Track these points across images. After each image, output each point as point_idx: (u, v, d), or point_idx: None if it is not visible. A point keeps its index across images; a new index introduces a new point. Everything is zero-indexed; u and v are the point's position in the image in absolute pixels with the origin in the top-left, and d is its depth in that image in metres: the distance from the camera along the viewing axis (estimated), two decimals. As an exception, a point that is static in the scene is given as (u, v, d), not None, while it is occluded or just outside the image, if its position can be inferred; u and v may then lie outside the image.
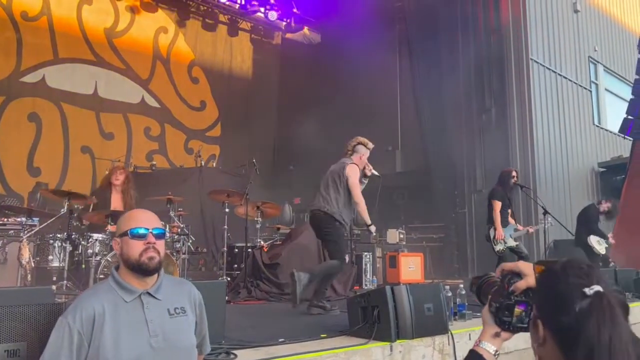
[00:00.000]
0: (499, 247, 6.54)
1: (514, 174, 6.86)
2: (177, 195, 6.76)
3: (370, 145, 5.39)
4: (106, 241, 5.45)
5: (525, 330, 1.17)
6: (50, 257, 5.31)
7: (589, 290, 0.96)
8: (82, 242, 5.38)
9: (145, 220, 1.92)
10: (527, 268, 1.20)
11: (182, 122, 13.36)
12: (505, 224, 6.65)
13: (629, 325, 0.96)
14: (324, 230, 5.00)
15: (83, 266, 5.28)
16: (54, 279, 5.21)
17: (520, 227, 6.90)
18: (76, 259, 5.35)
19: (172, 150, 12.97)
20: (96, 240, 5.38)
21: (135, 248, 1.85)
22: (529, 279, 1.18)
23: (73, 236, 5.36)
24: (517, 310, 1.18)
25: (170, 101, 13.25)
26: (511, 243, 6.60)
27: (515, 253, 6.65)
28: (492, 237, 6.63)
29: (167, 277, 1.95)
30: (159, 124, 12.96)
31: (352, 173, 5.06)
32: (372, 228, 5.29)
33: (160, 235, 1.92)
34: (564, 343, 0.98)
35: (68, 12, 11.80)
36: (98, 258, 5.26)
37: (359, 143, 5.32)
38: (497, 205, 6.58)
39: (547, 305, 1.04)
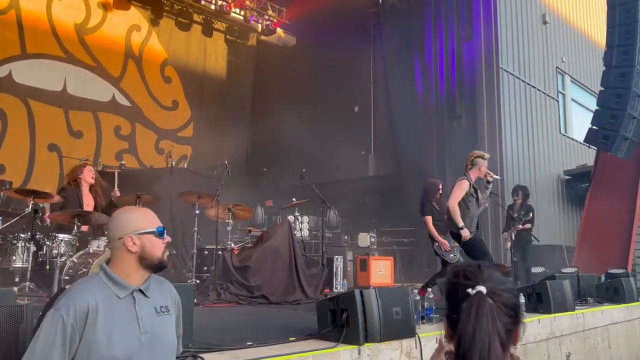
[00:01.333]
0: (452, 256, 6.36)
1: (440, 187, 6.86)
2: (146, 196, 6.66)
3: (487, 155, 6.15)
4: (72, 241, 5.33)
5: None
6: (13, 258, 5.17)
7: (471, 291, 1.08)
8: (47, 243, 5.25)
9: (158, 219, 1.98)
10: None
11: (153, 121, 13.19)
12: (443, 233, 6.51)
13: (497, 321, 1.06)
14: None
15: (47, 267, 5.15)
16: (17, 280, 5.08)
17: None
18: (40, 259, 5.22)
19: (143, 150, 12.78)
20: (62, 240, 5.26)
21: (160, 246, 1.91)
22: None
23: (37, 236, 5.23)
24: None
25: (142, 100, 13.06)
26: (456, 246, 6.45)
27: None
28: (439, 251, 6.49)
29: (153, 276, 1.96)
30: (130, 123, 12.76)
31: (457, 186, 5.90)
32: (463, 232, 5.71)
33: None
34: (454, 336, 1.10)
35: (37, 7, 11.52)
36: (63, 259, 5.14)
37: (477, 157, 6.05)
38: (429, 220, 6.53)
39: (447, 305, 1.16)
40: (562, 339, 5.25)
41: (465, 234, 5.69)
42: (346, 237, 10.09)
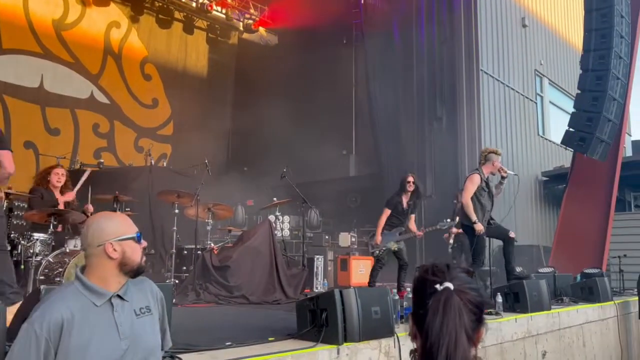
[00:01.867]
0: (374, 251, 6.62)
1: (409, 179, 6.69)
2: (125, 195, 6.59)
3: (500, 151, 6.27)
4: (48, 241, 5.24)
5: None
6: (-13, 257, 5.06)
7: (439, 287, 1.11)
8: (22, 242, 5.15)
9: (134, 225, 1.97)
10: None
11: (132, 119, 13.03)
12: (390, 229, 6.64)
13: (464, 316, 1.09)
14: None
15: (22, 267, 5.06)
16: (-10, 280, 4.97)
17: (413, 228, 6.72)
18: (15, 259, 5.12)
19: (122, 148, 12.62)
20: (37, 240, 5.17)
21: (139, 252, 1.90)
22: None
23: (12, 235, 5.13)
24: None
25: (121, 98, 12.89)
26: (391, 247, 6.56)
27: (395, 256, 6.67)
28: (370, 241, 6.70)
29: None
30: (109, 120, 12.59)
31: (468, 181, 6.06)
32: (476, 227, 5.81)
33: None
34: (420, 333, 1.13)
35: (14, 1, 11.29)
36: (39, 258, 5.05)
37: (490, 152, 6.20)
38: (385, 212, 6.63)
39: (414, 301, 1.19)
40: (538, 338, 5.34)
41: (479, 227, 5.77)
42: (327, 237, 10.10)
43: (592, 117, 8.56)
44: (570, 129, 8.90)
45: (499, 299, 5.23)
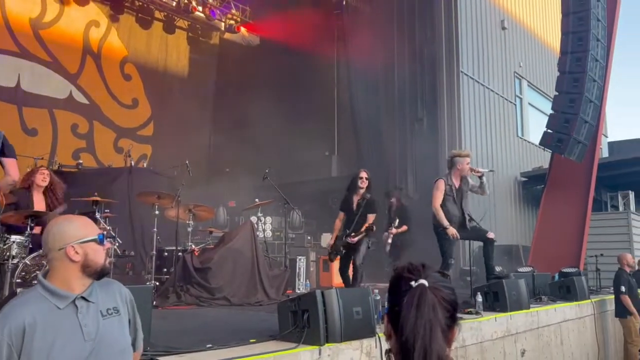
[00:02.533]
0: (330, 257, 6.37)
1: (362, 174, 6.24)
2: (104, 196, 6.51)
3: (464, 152, 6.19)
4: (25, 243, 5.15)
5: None
6: (-38, 260, 4.95)
7: (414, 283, 1.13)
8: (-2, 244, 5.05)
9: (96, 226, 1.97)
10: None
11: (112, 119, 12.87)
12: (344, 232, 6.27)
13: (438, 312, 1.10)
14: None
15: (-2, 270, 4.96)
16: (-35, 283, 4.87)
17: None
18: (-10, 262, 5.02)
19: (101, 148, 12.46)
20: (14, 242, 5.07)
21: (101, 254, 1.89)
22: None
23: (-12, 238, 5.03)
24: None
25: (100, 98, 12.72)
26: (340, 252, 6.25)
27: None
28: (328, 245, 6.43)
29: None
30: (88, 121, 12.42)
31: (434, 187, 6.01)
32: (448, 232, 5.77)
33: None
34: (396, 331, 1.13)
35: (-11, -1, 11.09)
36: (15, 261, 4.96)
37: (454, 156, 6.11)
38: (340, 215, 6.41)
39: (389, 300, 1.20)
40: (518, 337, 5.41)
41: (451, 232, 5.77)
42: (309, 238, 10.10)
43: (570, 119, 8.71)
44: (548, 130, 9.04)
45: (479, 298, 5.29)
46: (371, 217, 6.18)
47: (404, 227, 7.91)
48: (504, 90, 12.83)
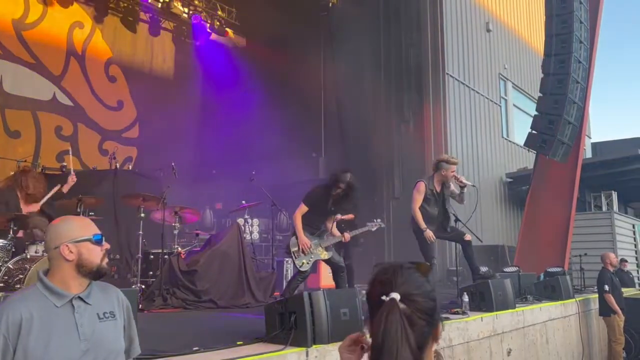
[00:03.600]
0: (301, 260, 5.29)
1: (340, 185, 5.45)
2: (89, 199, 6.43)
3: (453, 159, 6.10)
4: (7, 247, 5.08)
5: None
6: (-57, 264, 4.87)
7: (385, 298, 1.10)
8: (-20, 248, 4.97)
9: (95, 227, 1.99)
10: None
11: (97, 121, 12.72)
12: (311, 231, 5.44)
13: (408, 329, 1.07)
14: None
15: (-20, 274, 4.88)
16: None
17: (335, 233, 5.69)
18: (-27, 266, 4.94)
19: (85, 151, 12.30)
20: (-4, 246, 5.00)
21: (97, 254, 1.92)
22: None
23: (-30, 242, 4.95)
24: None
25: (85, 99, 12.57)
26: (319, 254, 5.42)
27: (330, 264, 5.71)
28: (293, 248, 5.32)
29: (96, 282, 1.97)
30: (72, 123, 12.26)
31: (415, 190, 6.07)
32: (426, 234, 5.80)
33: None
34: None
35: (-30, 0, 10.92)
36: (-2, 265, 4.89)
37: (440, 161, 6.08)
38: (302, 208, 5.36)
39: (368, 308, 1.18)
40: (504, 336, 5.45)
41: (428, 235, 5.80)
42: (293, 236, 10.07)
43: (554, 120, 8.81)
44: (533, 131, 9.14)
45: (465, 298, 5.32)
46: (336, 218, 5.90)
47: (350, 215, 6.90)
48: (489, 91, 12.94)
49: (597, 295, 7.72)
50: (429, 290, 1.15)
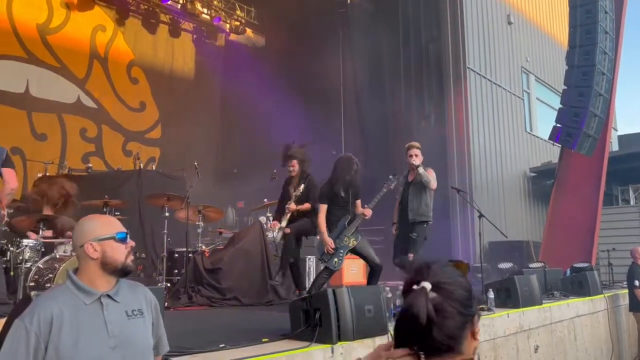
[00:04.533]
0: (332, 260, 5.21)
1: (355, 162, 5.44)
2: (114, 199, 6.55)
3: (408, 145, 6.14)
4: (37, 247, 5.20)
5: None
6: (-25, 264, 5.01)
7: (415, 287, 1.12)
8: (11, 248, 5.10)
9: (120, 225, 2.00)
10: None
11: (120, 123, 12.93)
12: (332, 227, 5.33)
13: (430, 313, 1.07)
14: None
15: (12, 273, 5.01)
16: (-21, 287, 4.92)
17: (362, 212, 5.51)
18: (4, 265, 5.06)
19: (110, 152, 12.52)
20: (26, 246, 5.12)
21: (121, 251, 1.93)
22: None
23: (1, 242, 5.08)
24: None
25: (108, 101, 12.79)
26: (347, 244, 5.32)
27: (361, 257, 5.63)
28: (319, 249, 5.27)
29: (124, 281, 1.99)
30: (96, 125, 12.48)
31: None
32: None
33: None
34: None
35: (-3, 6, 11.18)
36: (28, 265, 5.00)
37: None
38: (322, 209, 5.28)
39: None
40: (530, 332, 5.38)
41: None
42: (317, 237, 10.07)
43: (579, 113, 8.65)
44: (557, 125, 8.99)
45: (491, 294, 5.26)
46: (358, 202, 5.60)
47: (307, 205, 6.11)
48: (511, 85, 12.76)
49: (626, 291, 7.56)
50: (463, 281, 1.15)
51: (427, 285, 1.11)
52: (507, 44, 12.84)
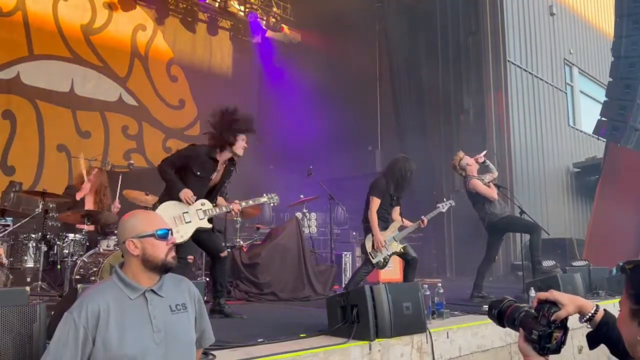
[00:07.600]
0: (378, 259, 5.28)
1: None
2: (154, 195, 6.69)
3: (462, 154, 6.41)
4: (82, 241, 5.37)
5: (556, 352, 1.33)
6: (25, 258, 5.21)
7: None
8: (58, 242, 5.29)
9: (162, 222, 2.03)
10: (563, 297, 1.35)
11: (160, 120, 13.21)
12: (384, 225, 5.43)
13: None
14: None
15: (59, 267, 5.20)
16: (29, 280, 5.12)
17: (407, 223, 5.67)
18: (51, 259, 5.26)
19: (150, 149, 12.80)
20: (72, 240, 5.29)
21: (161, 249, 1.95)
22: (569, 308, 1.34)
23: (48, 236, 5.27)
24: (556, 335, 1.33)
25: (149, 99, 13.08)
26: (395, 248, 5.45)
27: (401, 257, 5.69)
28: (369, 245, 5.29)
29: (168, 275, 2.02)
30: (137, 122, 12.79)
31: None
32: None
33: None
34: None
35: (44, 8, 11.56)
36: (74, 258, 5.18)
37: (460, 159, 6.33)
38: (375, 203, 5.34)
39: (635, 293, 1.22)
40: (574, 333, 5.20)
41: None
42: (354, 233, 10.07)
43: (626, 105, 8.33)
44: (603, 118, 8.69)
45: (533, 293, 5.13)
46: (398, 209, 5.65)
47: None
48: (553, 78, 12.38)
49: (676, 291, 7.24)
50: None
51: None
52: (549, 36, 12.46)
